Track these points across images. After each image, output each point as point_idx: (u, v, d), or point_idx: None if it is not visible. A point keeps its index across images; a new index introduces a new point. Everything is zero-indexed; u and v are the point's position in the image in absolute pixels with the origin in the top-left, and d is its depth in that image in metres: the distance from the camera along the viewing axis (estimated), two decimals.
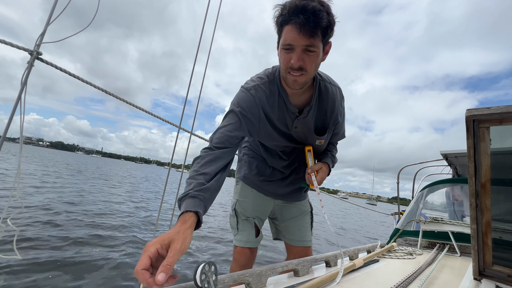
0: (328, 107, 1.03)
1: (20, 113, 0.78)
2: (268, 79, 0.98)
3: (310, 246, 1.31)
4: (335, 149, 1.24)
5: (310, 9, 0.74)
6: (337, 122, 1.08)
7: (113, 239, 3.59)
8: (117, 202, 6.70)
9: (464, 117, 0.72)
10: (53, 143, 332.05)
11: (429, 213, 2.33)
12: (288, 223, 1.32)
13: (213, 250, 3.96)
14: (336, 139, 1.21)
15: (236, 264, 1.25)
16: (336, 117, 1.07)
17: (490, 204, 0.79)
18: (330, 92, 1.02)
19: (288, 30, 0.79)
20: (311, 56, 0.81)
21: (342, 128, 1.15)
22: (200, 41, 0.97)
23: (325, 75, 1.04)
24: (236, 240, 1.27)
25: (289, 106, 0.98)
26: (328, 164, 1.11)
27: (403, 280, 0.86)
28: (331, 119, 1.06)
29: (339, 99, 1.05)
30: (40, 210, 4.51)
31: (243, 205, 1.30)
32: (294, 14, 0.75)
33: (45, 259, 2.63)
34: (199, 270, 0.52)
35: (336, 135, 1.17)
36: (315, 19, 0.75)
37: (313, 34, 0.77)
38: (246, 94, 0.95)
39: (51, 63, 1.00)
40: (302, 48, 0.80)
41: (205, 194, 0.72)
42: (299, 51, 0.80)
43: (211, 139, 0.90)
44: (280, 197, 1.29)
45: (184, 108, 1.08)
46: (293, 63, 0.81)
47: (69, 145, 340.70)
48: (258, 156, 1.26)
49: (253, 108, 0.95)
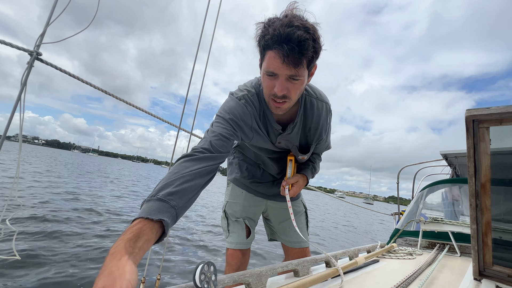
0: (312, 124, 1.00)
1: (20, 114, 0.78)
2: (256, 92, 0.94)
3: (308, 246, 1.30)
4: (319, 159, 1.22)
5: (295, 39, 0.68)
6: (320, 139, 1.05)
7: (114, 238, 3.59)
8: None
9: (464, 117, 0.72)
10: (49, 141, 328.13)
11: (429, 213, 2.33)
12: (283, 225, 1.32)
13: (212, 250, 3.96)
14: (319, 151, 1.21)
15: (229, 267, 1.23)
16: (321, 134, 1.03)
17: (490, 204, 0.79)
18: (315, 108, 0.97)
19: (271, 57, 0.73)
20: (295, 84, 0.77)
21: (325, 143, 1.14)
22: (200, 40, 0.97)
23: (314, 89, 1.00)
24: (227, 243, 1.25)
25: (273, 123, 0.95)
26: (306, 176, 1.12)
27: (403, 280, 0.86)
28: (314, 136, 1.03)
29: (325, 116, 1.01)
30: (40, 210, 4.51)
31: (233, 207, 1.28)
32: (278, 43, 0.70)
33: (44, 259, 2.62)
34: (198, 271, 0.52)
35: (319, 148, 1.16)
36: (300, 50, 0.69)
37: (298, 65, 0.72)
38: (238, 103, 0.91)
39: (51, 64, 1.00)
40: (286, 77, 0.75)
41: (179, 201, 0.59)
42: (283, 80, 0.75)
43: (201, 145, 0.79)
44: (271, 197, 1.29)
45: (184, 108, 1.08)
46: (277, 91, 0.77)
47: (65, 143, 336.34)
48: (248, 158, 1.27)
49: (247, 117, 0.91)
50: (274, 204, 1.32)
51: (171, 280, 2.70)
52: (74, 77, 1.12)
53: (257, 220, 1.36)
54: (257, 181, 1.25)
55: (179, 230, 4.81)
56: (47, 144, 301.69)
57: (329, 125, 1.08)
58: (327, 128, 1.07)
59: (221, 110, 0.91)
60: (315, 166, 1.18)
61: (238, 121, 0.89)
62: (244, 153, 1.28)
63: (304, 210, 1.34)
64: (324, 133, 1.05)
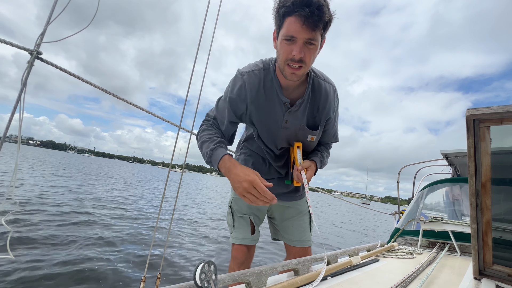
0: (320, 103, 1.03)
1: (19, 114, 0.78)
2: (264, 67, 1.00)
3: (310, 246, 1.30)
4: (327, 151, 1.21)
5: (314, 3, 0.76)
6: (328, 117, 1.07)
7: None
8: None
9: (465, 116, 0.72)
10: (44, 142, 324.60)
11: (429, 212, 2.33)
12: (286, 223, 1.31)
13: (212, 250, 3.96)
14: (327, 138, 1.19)
15: (234, 261, 1.25)
16: (328, 112, 1.06)
17: (490, 203, 0.79)
18: (323, 88, 1.02)
19: (292, 22, 0.80)
20: (311, 49, 0.84)
21: (333, 126, 1.14)
22: (200, 40, 0.97)
23: (320, 72, 1.05)
24: (232, 238, 1.28)
25: (281, 96, 0.99)
26: (316, 163, 1.09)
27: (403, 280, 0.86)
28: (322, 115, 1.06)
29: (332, 96, 1.05)
30: (41, 209, 4.52)
31: (239, 202, 1.29)
32: (299, 7, 0.77)
33: (39, 258, 2.63)
34: (198, 270, 0.52)
35: (327, 133, 1.15)
36: (319, 13, 0.77)
37: (316, 28, 0.79)
38: (239, 78, 1.00)
39: (51, 63, 1.00)
40: (304, 41, 0.81)
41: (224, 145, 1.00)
42: (301, 43, 0.82)
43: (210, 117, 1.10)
44: (276, 196, 1.27)
45: (184, 108, 1.08)
46: (295, 54, 0.83)
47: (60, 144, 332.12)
48: (254, 154, 1.25)
49: (241, 92, 1.00)
50: (279, 203, 1.30)
51: (171, 279, 2.71)
52: (74, 76, 1.12)
53: (263, 218, 1.35)
54: (263, 177, 1.24)
55: (179, 230, 4.82)
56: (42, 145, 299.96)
57: (336, 108, 1.10)
58: (335, 110, 1.09)
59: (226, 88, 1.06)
60: (323, 155, 1.16)
61: (234, 97, 1.01)
62: (251, 148, 1.27)
63: (308, 210, 1.32)
64: (332, 113, 1.07)
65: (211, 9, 1.01)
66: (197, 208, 8.17)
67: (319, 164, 1.11)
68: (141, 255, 3.18)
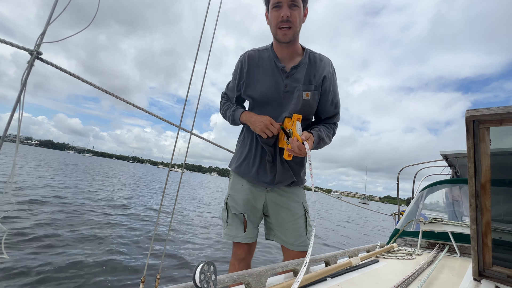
0: (316, 70, 1.17)
1: (19, 114, 0.78)
2: (265, 47, 1.22)
3: (307, 250, 1.27)
4: (327, 130, 1.22)
5: None
6: (324, 76, 1.17)
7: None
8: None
9: (464, 117, 0.72)
10: (42, 141, 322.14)
11: (429, 213, 2.33)
12: (282, 227, 1.27)
13: (212, 250, 3.96)
14: (326, 106, 1.21)
15: (234, 258, 1.29)
16: (323, 73, 1.17)
17: (490, 204, 0.79)
18: (318, 59, 1.19)
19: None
20: (295, 11, 1.05)
21: (331, 91, 1.19)
22: (200, 39, 0.97)
23: (317, 52, 1.21)
24: (224, 234, 1.30)
25: (278, 64, 1.16)
26: (313, 136, 1.10)
27: (403, 281, 0.86)
28: (320, 79, 1.17)
29: (328, 64, 1.20)
30: (40, 210, 4.51)
31: (235, 199, 1.31)
32: None
33: (33, 258, 2.62)
34: (198, 270, 0.52)
35: (325, 100, 1.20)
36: None
37: None
38: (240, 56, 1.25)
39: (51, 63, 1.00)
40: (288, 4, 1.04)
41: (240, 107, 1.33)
42: (286, 6, 1.04)
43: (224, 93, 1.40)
44: (271, 185, 1.25)
45: (184, 108, 1.08)
46: (283, 15, 1.04)
47: (59, 143, 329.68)
48: (247, 143, 1.31)
49: (238, 67, 1.23)
50: (274, 199, 1.28)
51: (171, 279, 2.70)
52: (75, 76, 1.12)
53: (259, 216, 1.33)
54: (256, 162, 1.25)
55: (179, 230, 4.81)
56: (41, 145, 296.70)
57: (333, 76, 1.22)
58: (331, 77, 1.20)
59: None
60: (321, 130, 1.16)
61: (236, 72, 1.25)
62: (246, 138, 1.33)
63: (303, 213, 1.28)
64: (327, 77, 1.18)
65: (212, 8, 1.01)
66: (197, 208, 8.17)
67: (316, 138, 1.12)
68: (141, 255, 3.17)
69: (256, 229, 1.32)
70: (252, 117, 1.18)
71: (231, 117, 1.27)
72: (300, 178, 1.30)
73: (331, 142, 1.26)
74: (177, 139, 1.11)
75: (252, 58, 1.20)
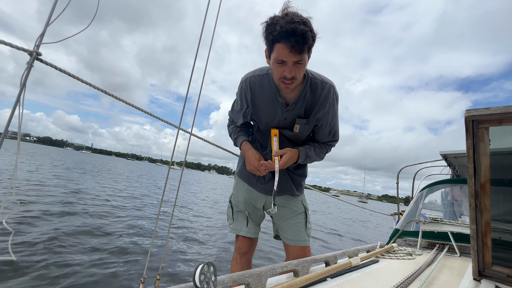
0: (316, 100, 1.12)
1: (19, 114, 0.78)
2: (266, 74, 1.13)
3: (307, 246, 1.30)
4: (321, 148, 1.24)
5: (298, 32, 0.86)
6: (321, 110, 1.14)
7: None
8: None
9: (464, 117, 0.72)
10: (41, 138, 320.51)
11: (428, 213, 2.33)
12: (283, 223, 1.34)
13: (212, 251, 3.96)
14: (322, 135, 1.22)
15: (237, 252, 1.37)
16: (321, 106, 1.13)
17: (490, 204, 0.79)
18: (319, 87, 1.12)
19: (280, 48, 0.91)
20: (300, 67, 0.96)
21: (329, 122, 1.18)
22: (201, 36, 0.97)
23: (317, 74, 1.13)
24: (230, 228, 1.41)
25: (279, 98, 1.11)
26: (298, 150, 1.16)
27: (403, 281, 0.86)
28: (316, 110, 1.14)
29: (328, 93, 1.13)
30: (40, 210, 4.51)
31: (237, 198, 1.42)
32: (285, 37, 0.87)
33: (40, 258, 2.62)
34: (198, 271, 0.52)
35: (321, 129, 1.19)
36: (303, 41, 0.88)
37: (302, 52, 0.90)
38: (241, 83, 1.19)
39: (50, 64, 1.00)
40: (293, 63, 0.93)
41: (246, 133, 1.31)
42: (290, 65, 0.94)
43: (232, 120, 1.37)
44: (269, 193, 1.30)
45: (184, 107, 1.07)
46: (286, 74, 0.95)
47: (57, 140, 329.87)
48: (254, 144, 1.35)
49: (242, 94, 1.19)
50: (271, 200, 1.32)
51: (171, 280, 2.70)
52: (74, 77, 1.12)
53: (260, 214, 1.43)
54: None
55: (179, 230, 4.81)
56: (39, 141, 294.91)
57: (333, 104, 1.16)
58: (332, 106, 1.16)
59: None
60: (312, 147, 1.20)
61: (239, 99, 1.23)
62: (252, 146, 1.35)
63: (303, 210, 1.35)
64: (324, 107, 1.13)
65: (214, 5, 1.01)
66: (197, 208, 8.16)
67: (303, 153, 1.17)
68: (141, 255, 3.17)
69: (258, 227, 1.43)
70: (247, 152, 1.21)
71: (234, 142, 1.33)
72: (301, 187, 1.37)
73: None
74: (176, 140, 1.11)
75: (253, 85, 1.15)
